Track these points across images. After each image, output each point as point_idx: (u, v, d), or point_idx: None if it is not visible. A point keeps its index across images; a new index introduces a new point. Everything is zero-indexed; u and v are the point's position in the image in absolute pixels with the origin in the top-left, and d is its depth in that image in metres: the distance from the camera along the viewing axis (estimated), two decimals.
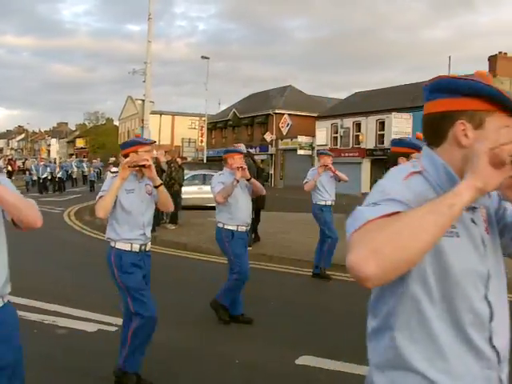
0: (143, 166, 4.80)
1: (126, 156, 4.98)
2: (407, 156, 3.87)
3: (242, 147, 12.79)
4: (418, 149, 3.84)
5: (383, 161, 13.79)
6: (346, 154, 44.02)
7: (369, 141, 42.74)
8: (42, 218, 2.89)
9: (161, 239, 13.19)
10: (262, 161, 55.22)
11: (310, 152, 48.70)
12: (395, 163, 3.84)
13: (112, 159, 24.43)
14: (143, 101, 23.30)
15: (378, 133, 42.00)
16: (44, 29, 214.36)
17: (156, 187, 4.98)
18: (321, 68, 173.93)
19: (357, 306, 8.27)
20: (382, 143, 41.37)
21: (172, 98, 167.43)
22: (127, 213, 4.86)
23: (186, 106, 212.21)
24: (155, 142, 6.04)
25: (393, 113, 38.66)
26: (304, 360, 5.72)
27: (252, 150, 51.39)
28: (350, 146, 44.32)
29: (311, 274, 10.03)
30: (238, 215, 6.99)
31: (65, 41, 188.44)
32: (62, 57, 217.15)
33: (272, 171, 52.66)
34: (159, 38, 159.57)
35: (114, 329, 6.53)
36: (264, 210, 13.64)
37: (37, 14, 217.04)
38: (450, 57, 33.92)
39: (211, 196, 7.18)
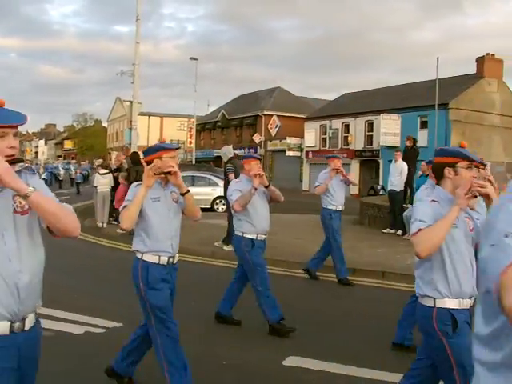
0: (168, 172, 4.56)
1: (148, 162, 4.72)
2: (453, 166, 3.65)
3: (229, 149, 12.77)
4: (464, 157, 3.65)
5: (435, 168, 12.91)
6: None
7: (357, 142, 42.85)
8: (80, 226, 2.78)
9: None
10: None
11: (298, 153, 48.80)
12: (441, 175, 3.72)
13: (99, 161, 24.24)
14: (131, 102, 23.28)
15: (367, 134, 42.15)
16: (31, 29, 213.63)
17: (183, 194, 4.74)
18: (310, 69, 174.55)
19: (344, 307, 8.32)
20: (371, 144, 41.53)
21: (161, 99, 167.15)
22: (154, 222, 4.64)
23: (175, 108, 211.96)
24: (180, 147, 5.85)
25: (381, 114, 38.77)
26: (291, 361, 5.73)
27: (241, 152, 51.02)
28: (339, 147, 44.37)
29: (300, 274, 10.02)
30: (257, 223, 6.83)
31: (53, 42, 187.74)
32: (50, 58, 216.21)
33: None
34: (148, 39, 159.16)
35: (101, 331, 6.52)
36: None
37: (24, 14, 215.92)
38: (438, 58, 33.99)
39: (200, 198, 7.11)
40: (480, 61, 39.29)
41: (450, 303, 3.56)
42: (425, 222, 3.45)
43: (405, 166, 15.08)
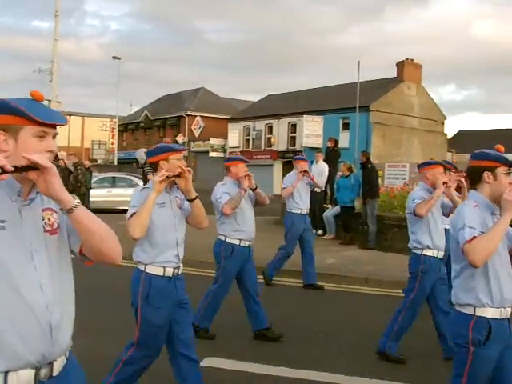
0: (178, 176, 4.18)
1: (153, 164, 4.42)
2: (492, 170, 3.47)
3: (141, 154, 12.57)
4: (505, 162, 3.50)
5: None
6: (258, 157, 44.38)
7: (280, 143, 43.27)
8: (122, 252, 2.26)
9: None
10: None
11: (222, 154, 48.81)
12: (479, 179, 3.54)
13: None
14: (49, 101, 22.72)
15: (290, 135, 42.63)
16: None
17: (191, 200, 4.35)
18: (236, 71, 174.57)
19: (263, 307, 8.32)
20: (294, 145, 42.01)
21: (83, 99, 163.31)
22: (160, 230, 4.23)
23: (97, 108, 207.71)
24: (187, 149, 5.51)
25: (304, 116, 39.32)
26: (209, 362, 5.67)
27: None
28: (262, 148, 44.74)
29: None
30: (243, 227, 6.50)
31: None
32: None
33: None
34: (69, 36, 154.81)
35: None
36: None
37: None
38: (359, 62, 34.72)
39: (121, 199, 6.85)
40: (400, 65, 40.50)
41: (491, 313, 3.39)
42: (475, 228, 3.29)
43: (326, 167, 15.25)
